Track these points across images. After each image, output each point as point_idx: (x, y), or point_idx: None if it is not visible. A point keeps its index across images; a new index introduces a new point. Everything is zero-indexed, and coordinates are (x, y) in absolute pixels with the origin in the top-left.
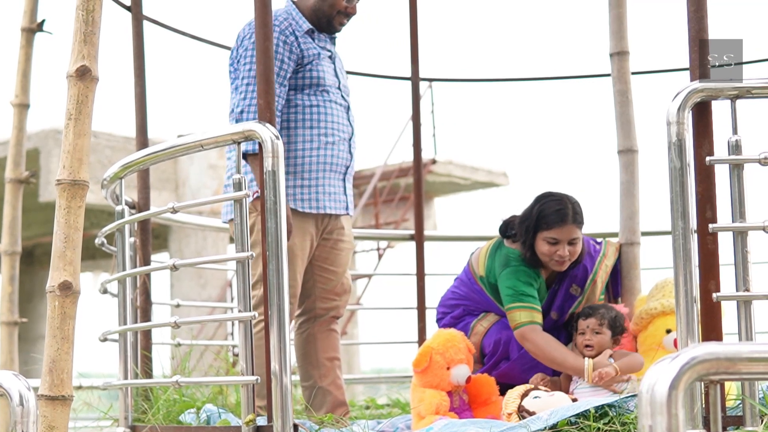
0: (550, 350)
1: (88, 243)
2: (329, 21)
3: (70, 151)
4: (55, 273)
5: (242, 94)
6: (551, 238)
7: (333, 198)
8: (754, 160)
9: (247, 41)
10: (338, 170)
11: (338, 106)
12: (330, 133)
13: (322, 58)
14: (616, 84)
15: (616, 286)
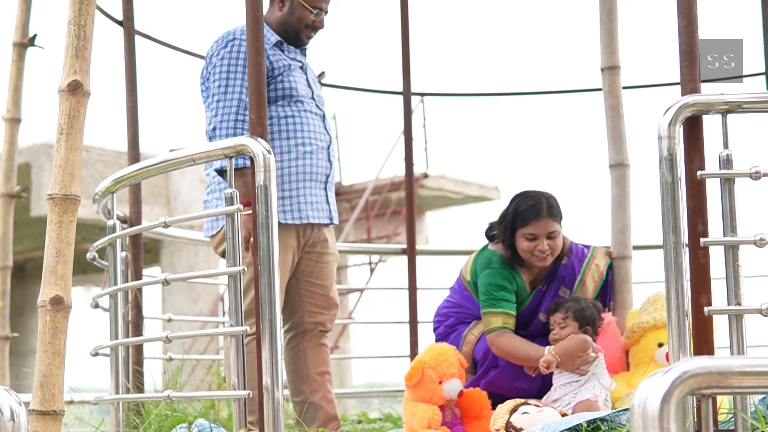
0: (513, 349)
1: (79, 257)
2: (297, 34)
3: (61, 165)
4: (46, 288)
5: (213, 111)
6: (529, 234)
7: (315, 207)
8: (745, 174)
9: (215, 58)
10: (319, 179)
11: (313, 115)
12: (307, 143)
13: (293, 69)
14: (608, 98)
15: (606, 296)
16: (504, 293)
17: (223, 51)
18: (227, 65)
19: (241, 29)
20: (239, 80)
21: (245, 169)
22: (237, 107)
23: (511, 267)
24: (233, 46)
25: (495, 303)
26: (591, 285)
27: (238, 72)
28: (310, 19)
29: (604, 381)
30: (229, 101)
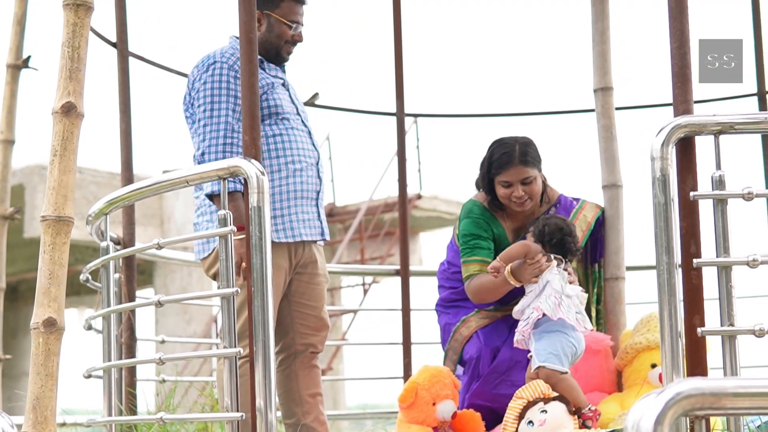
0: (481, 286)
1: (72, 279)
2: (278, 51)
3: (55, 187)
4: (39, 309)
5: (201, 136)
6: (504, 182)
7: (307, 224)
8: (738, 195)
9: (198, 83)
10: (310, 196)
11: (300, 132)
12: (297, 160)
13: (275, 87)
14: (601, 119)
15: (595, 250)
16: (479, 241)
17: (205, 75)
18: (211, 89)
19: (220, 52)
20: (224, 103)
21: (237, 192)
22: (224, 130)
23: (490, 215)
24: (215, 70)
25: (470, 251)
26: (579, 234)
27: (222, 95)
28: (289, 34)
29: (555, 286)
30: (216, 125)
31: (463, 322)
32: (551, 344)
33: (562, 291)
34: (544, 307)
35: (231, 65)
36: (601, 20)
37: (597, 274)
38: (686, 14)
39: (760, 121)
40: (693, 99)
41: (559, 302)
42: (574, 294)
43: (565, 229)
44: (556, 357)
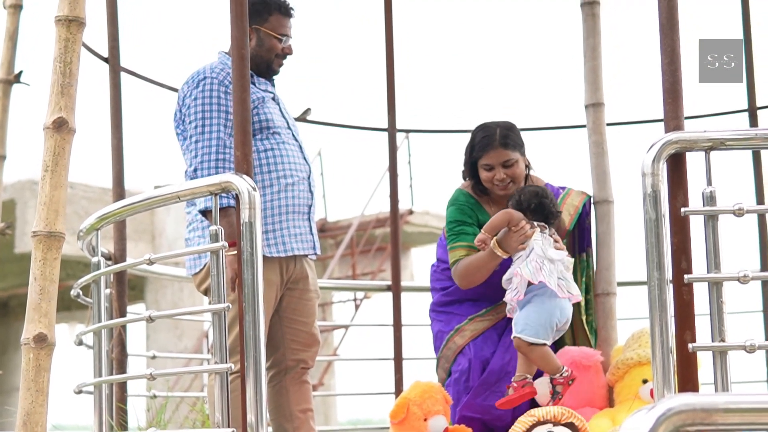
0: (468, 266)
1: (63, 294)
2: (268, 65)
3: (46, 202)
4: (30, 325)
5: (193, 152)
6: (485, 165)
7: (299, 239)
8: (729, 211)
9: (189, 99)
10: (302, 210)
11: (291, 146)
12: (289, 174)
13: (266, 101)
14: (592, 135)
15: (583, 239)
16: (464, 227)
17: (195, 91)
18: (202, 105)
19: (210, 68)
20: (215, 119)
21: (230, 208)
22: (216, 146)
23: (475, 202)
24: (205, 85)
25: (456, 237)
26: (567, 218)
27: (214, 111)
28: (279, 47)
29: (537, 250)
30: (208, 141)
31: (457, 331)
32: (529, 315)
33: (545, 255)
34: (524, 271)
35: (221, 80)
36: (593, 36)
37: (586, 263)
38: (677, 31)
39: (750, 137)
40: (684, 115)
41: (540, 266)
42: (558, 258)
43: (541, 193)
44: (531, 328)
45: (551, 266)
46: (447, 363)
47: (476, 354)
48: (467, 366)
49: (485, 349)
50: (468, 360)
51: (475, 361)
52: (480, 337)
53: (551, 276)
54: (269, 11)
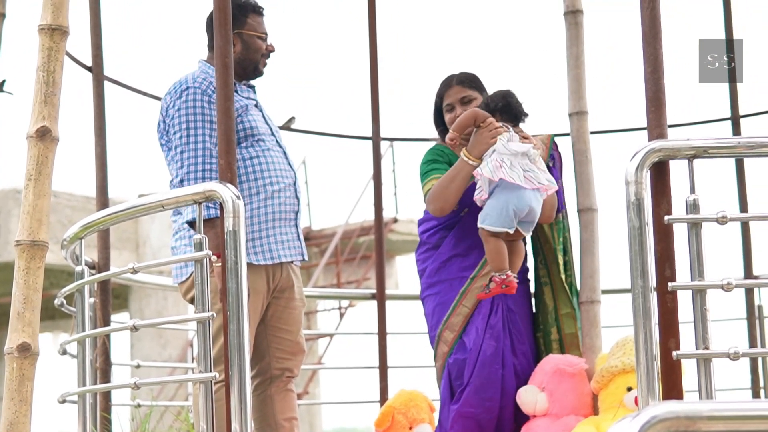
0: (439, 185)
1: (47, 303)
2: (256, 66)
3: (29, 211)
4: (13, 334)
5: (179, 163)
6: (447, 105)
7: (286, 245)
8: (712, 219)
9: (172, 110)
10: (288, 217)
11: (276, 152)
12: (275, 182)
13: (249, 109)
14: (575, 143)
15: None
16: (434, 164)
17: (179, 102)
18: (185, 115)
19: (192, 77)
20: (200, 129)
21: (215, 219)
22: (203, 156)
23: (449, 151)
24: (188, 95)
25: (426, 175)
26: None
27: (198, 121)
28: (263, 46)
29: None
30: (194, 151)
31: (463, 295)
32: (490, 206)
33: (507, 151)
34: (484, 170)
35: (204, 90)
36: (576, 45)
37: (561, 224)
38: (660, 39)
39: (733, 146)
40: (667, 123)
41: (500, 163)
42: (522, 150)
43: (508, 93)
44: (490, 218)
45: (515, 160)
46: (452, 333)
47: (472, 347)
48: (463, 358)
49: (476, 337)
50: (466, 354)
51: (471, 354)
52: (469, 328)
53: (513, 170)
54: (245, 14)
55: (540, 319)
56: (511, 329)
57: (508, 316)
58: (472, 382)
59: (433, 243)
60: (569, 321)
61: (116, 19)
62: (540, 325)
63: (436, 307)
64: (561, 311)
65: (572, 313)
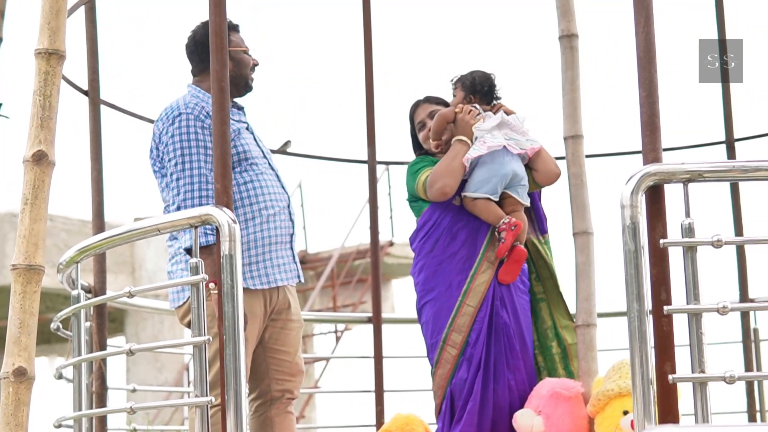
0: (437, 169)
1: (43, 327)
2: (246, 82)
3: (26, 235)
4: (9, 359)
5: (175, 191)
6: (418, 124)
7: (283, 269)
8: (707, 242)
9: (166, 137)
10: (284, 240)
11: (269, 176)
12: (270, 206)
13: (241, 132)
14: (571, 167)
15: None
16: (423, 163)
17: (172, 128)
18: (180, 141)
19: (184, 103)
20: (195, 155)
21: (212, 246)
22: (198, 183)
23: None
24: (181, 122)
25: (417, 172)
26: None
27: (192, 147)
28: (250, 60)
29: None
30: (189, 177)
31: (465, 294)
32: (473, 177)
33: (483, 130)
34: (472, 154)
35: (197, 116)
36: (571, 69)
37: (548, 245)
38: (654, 64)
39: (728, 170)
40: (662, 147)
41: (483, 141)
42: (495, 123)
43: (490, 77)
44: (472, 185)
45: (495, 133)
46: (460, 335)
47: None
48: (463, 378)
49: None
50: (465, 376)
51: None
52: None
53: (495, 139)
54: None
55: (536, 336)
56: (504, 343)
57: (504, 329)
58: (473, 401)
59: (427, 249)
60: (570, 332)
61: (113, 43)
62: (536, 341)
63: (436, 312)
64: (560, 324)
65: (571, 325)
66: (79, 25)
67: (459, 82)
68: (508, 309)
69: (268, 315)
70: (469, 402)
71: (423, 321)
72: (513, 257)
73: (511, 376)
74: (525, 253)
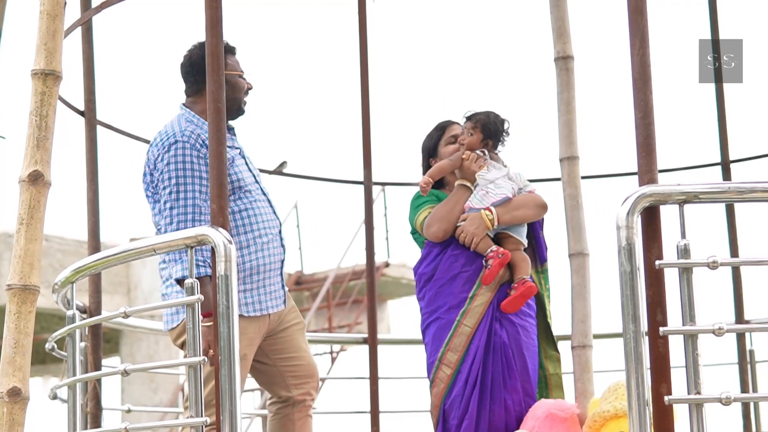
0: (437, 210)
1: (38, 347)
2: (239, 105)
3: (21, 255)
4: (4, 379)
5: (168, 219)
6: (450, 138)
7: (272, 296)
8: (703, 264)
9: (161, 164)
10: (275, 267)
11: (262, 203)
12: (263, 233)
13: (235, 160)
14: (567, 188)
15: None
16: (425, 199)
17: (167, 156)
18: (175, 170)
19: (180, 130)
20: (190, 185)
21: (207, 278)
22: (192, 213)
23: (436, 190)
24: (177, 150)
25: (419, 207)
26: None
27: (188, 177)
28: (245, 84)
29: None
30: (183, 207)
31: (464, 314)
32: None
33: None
34: (473, 202)
35: (192, 144)
36: (567, 90)
37: (547, 272)
38: (650, 85)
39: (723, 191)
40: (658, 168)
41: (486, 191)
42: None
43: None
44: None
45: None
46: (456, 353)
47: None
48: (462, 397)
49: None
50: (463, 396)
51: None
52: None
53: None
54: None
55: None
56: (502, 363)
57: (502, 349)
58: (468, 419)
59: (428, 273)
60: (553, 363)
61: (109, 64)
62: None
63: (436, 332)
64: (546, 353)
65: (556, 356)
66: (76, 46)
67: (479, 123)
68: (507, 330)
69: (261, 338)
70: (465, 420)
71: (425, 341)
72: (522, 291)
73: (507, 396)
74: (535, 289)
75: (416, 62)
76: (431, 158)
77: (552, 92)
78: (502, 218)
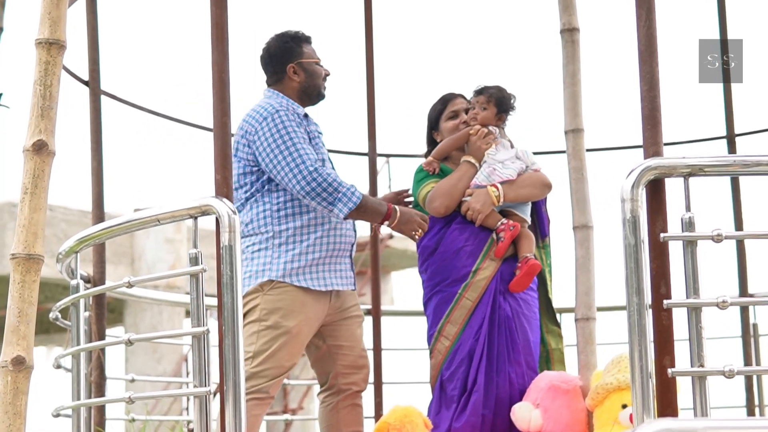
0: (441, 184)
1: (42, 317)
2: (319, 91)
3: (25, 225)
4: (8, 348)
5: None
6: (451, 113)
7: (340, 275)
8: (707, 237)
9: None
10: (346, 248)
11: None
12: None
13: (319, 139)
14: (571, 161)
15: (543, 225)
16: (426, 174)
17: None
18: (285, 129)
19: (278, 104)
20: (297, 141)
21: (361, 202)
22: (307, 156)
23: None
24: (281, 116)
25: (422, 181)
26: None
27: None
28: (322, 71)
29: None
30: (299, 152)
31: (466, 288)
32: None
33: (495, 159)
34: (479, 178)
35: (290, 115)
36: (572, 63)
37: (548, 247)
38: (656, 58)
39: (728, 164)
40: (663, 141)
41: (493, 168)
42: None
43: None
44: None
45: (507, 163)
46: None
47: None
48: (465, 368)
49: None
50: (466, 364)
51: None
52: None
53: (506, 169)
54: (300, 44)
55: None
56: (506, 336)
57: (505, 323)
58: (476, 392)
59: (432, 247)
60: (554, 337)
61: (113, 33)
62: None
63: (437, 304)
64: (547, 328)
65: (557, 331)
66: (80, 15)
67: (494, 98)
68: (510, 303)
69: (324, 314)
70: (473, 393)
71: (427, 314)
72: (526, 270)
73: (511, 369)
74: (539, 267)
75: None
76: (433, 131)
77: (557, 64)
78: (507, 195)
